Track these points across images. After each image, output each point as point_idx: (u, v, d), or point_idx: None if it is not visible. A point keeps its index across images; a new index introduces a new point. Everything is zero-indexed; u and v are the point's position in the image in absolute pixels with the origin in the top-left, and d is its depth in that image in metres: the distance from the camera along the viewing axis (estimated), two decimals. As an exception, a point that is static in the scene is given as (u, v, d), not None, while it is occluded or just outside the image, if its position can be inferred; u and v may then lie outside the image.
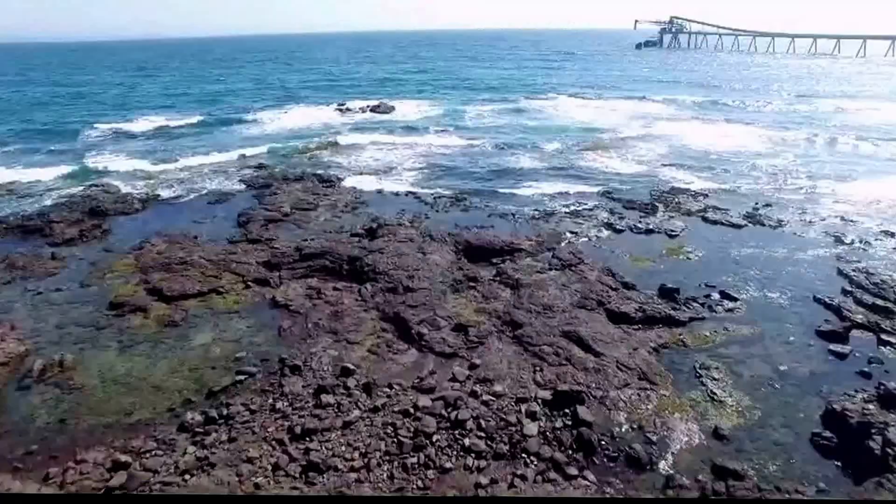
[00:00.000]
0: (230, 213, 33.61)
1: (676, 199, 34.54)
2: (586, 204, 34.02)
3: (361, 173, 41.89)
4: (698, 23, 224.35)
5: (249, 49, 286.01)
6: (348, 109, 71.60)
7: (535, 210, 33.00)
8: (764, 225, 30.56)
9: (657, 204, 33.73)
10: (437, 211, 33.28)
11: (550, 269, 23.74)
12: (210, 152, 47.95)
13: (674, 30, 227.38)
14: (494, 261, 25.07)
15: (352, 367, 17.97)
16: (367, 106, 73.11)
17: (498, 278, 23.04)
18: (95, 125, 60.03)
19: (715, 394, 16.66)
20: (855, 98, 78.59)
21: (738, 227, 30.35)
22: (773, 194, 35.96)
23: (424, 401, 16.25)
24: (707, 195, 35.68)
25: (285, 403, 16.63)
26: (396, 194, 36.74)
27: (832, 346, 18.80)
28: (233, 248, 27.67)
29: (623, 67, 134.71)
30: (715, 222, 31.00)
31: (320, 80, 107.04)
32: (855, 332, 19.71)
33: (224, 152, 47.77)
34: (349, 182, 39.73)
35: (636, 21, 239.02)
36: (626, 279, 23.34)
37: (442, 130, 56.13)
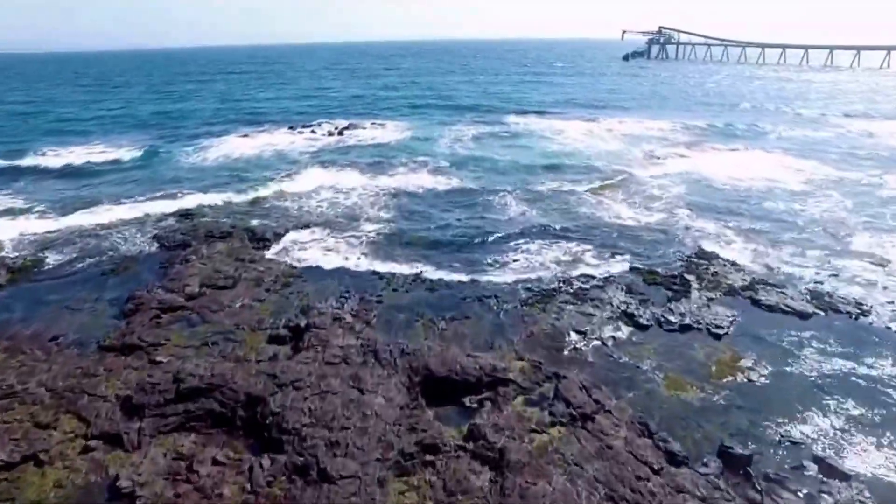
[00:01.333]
0: (122, 293, 25.35)
1: (712, 269, 26.31)
2: (594, 277, 25.71)
3: (308, 226, 33.46)
4: (687, 33, 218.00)
5: (236, 60, 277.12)
6: (313, 133, 63.39)
7: (527, 288, 24.66)
8: (840, 312, 22.34)
9: (688, 276, 25.49)
10: (394, 290, 24.94)
11: (553, 425, 15.33)
12: (133, 196, 39.82)
13: (662, 40, 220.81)
14: (467, 402, 16.61)
15: None
16: (336, 128, 65.19)
17: (471, 445, 14.56)
18: (13, 155, 51.12)
19: None
20: (884, 119, 70.26)
21: (805, 315, 22.19)
22: (832, 256, 27.80)
23: None
24: (747, 259, 27.51)
25: None
26: (344, 264, 28.20)
27: None
28: (95, 365, 19.31)
29: (615, 81, 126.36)
30: (771, 308, 22.87)
31: (293, 97, 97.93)
32: None
33: (149, 196, 39.68)
34: (289, 239, 31.48)
35: (624, 32, 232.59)
36: (669, 443, 15.06)
37: (414, 164, 47.64)
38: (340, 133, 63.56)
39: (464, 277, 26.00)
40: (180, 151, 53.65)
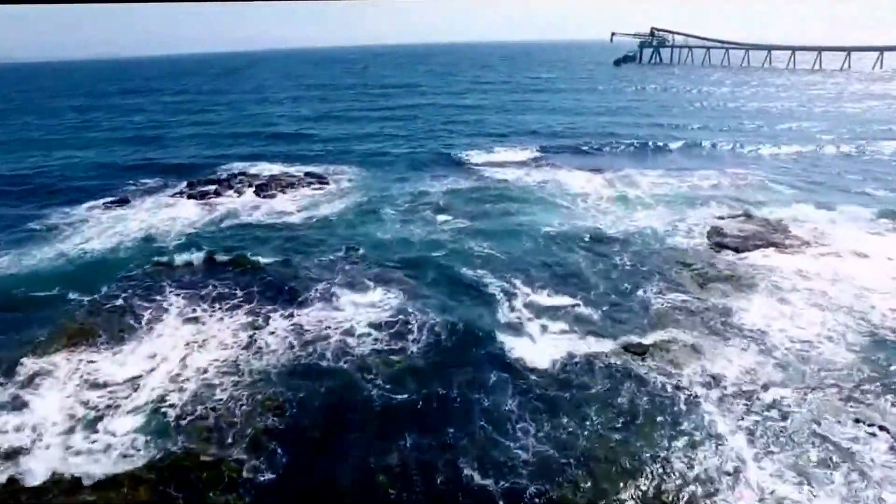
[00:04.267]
0: None
1: None
2: None
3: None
4: (683, 35, 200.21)
5: (194, 70, 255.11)
6: (216, 197, 44.46)
7: None
8: None
9: None
10: None
11: None
12: None
13: (655, 43, 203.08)
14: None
15: None
16: (253, 185, 46.06)
17: None
18: None
19: None
20: None
21: None
22: None
23: None
24: None
25: None
26: None
27: None
28: None
29: (618, 99, 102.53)
30: None
31: (219, 131, 75.60)
32: None
33: None
34: None
35: (613, 34, 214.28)
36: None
37: (343, 278, 29.10)
38: (258, 191, 44.96)
39: None
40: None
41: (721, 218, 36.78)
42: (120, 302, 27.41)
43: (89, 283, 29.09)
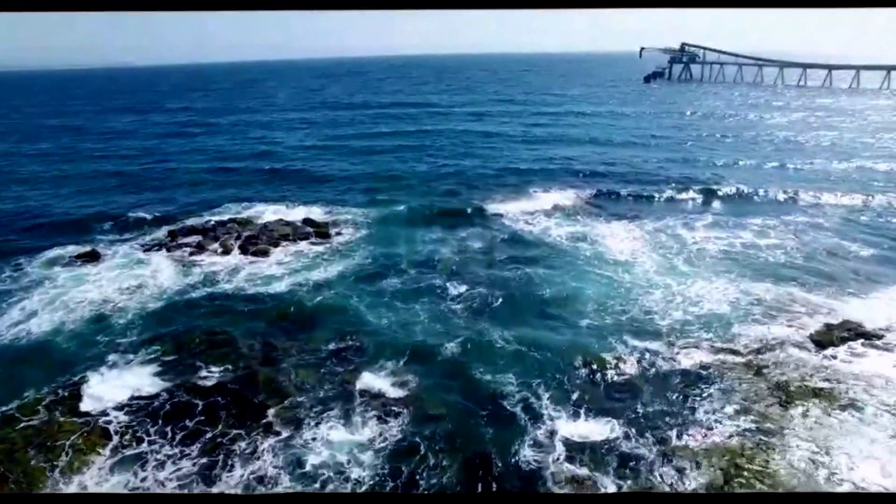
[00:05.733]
0: None
1: None
2: None
3: None
4: (714, 51, 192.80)
5: (210, 81, 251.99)
6: (199, 249, 39.88)
7: None
8: None
9: None
10: None
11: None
12: None
13: (685, 59, 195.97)
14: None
15: None
16: (239, 238, 40.82)
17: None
18: None
19: None
20: None
21: None
22: None
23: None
24: None
25: None
26: None
27: None
28: None
29: (655, 123, 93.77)
30: None
31: (222, 158, 68.90)
32: None
33: None
34: None
35: (642, 48, 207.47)
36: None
37: (322, 390, 23.14)
38: (245, 249, 38.96)
39: None
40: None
41: (790, 295, 30.25)
42: (42, 418, 21.74)
43: (10, 385, 23.66)
